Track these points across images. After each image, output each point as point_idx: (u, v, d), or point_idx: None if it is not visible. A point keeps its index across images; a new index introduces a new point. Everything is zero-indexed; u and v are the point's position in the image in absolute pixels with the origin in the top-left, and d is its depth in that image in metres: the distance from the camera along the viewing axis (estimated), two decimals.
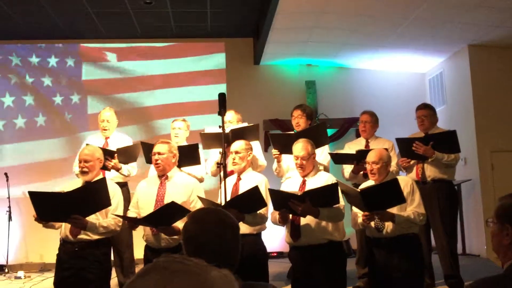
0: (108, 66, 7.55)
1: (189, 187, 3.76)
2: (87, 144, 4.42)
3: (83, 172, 3.72)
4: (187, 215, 1.82)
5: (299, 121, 4.73)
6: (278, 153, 4.48)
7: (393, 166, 4.60)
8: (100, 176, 3.83)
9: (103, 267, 3.69)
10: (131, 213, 3.85)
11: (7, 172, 6.80)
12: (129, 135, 5.32)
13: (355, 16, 5.89)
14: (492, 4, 5.38)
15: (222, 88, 7.34)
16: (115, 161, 4.53)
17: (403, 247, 3.60)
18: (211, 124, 5.49)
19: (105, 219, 3.65)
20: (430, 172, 4.54)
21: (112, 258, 4.72)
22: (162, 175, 3.81)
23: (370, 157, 3.75)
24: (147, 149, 4.45)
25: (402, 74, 7.85)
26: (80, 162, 3.75)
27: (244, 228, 3.60)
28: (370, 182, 3.82)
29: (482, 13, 5.63)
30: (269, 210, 3.82)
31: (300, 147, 3.78)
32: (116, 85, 7.50)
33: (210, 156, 4.86)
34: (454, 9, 5.57)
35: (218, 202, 3.79)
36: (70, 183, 3.91)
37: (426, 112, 4.75)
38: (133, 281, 0.79)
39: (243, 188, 3.81)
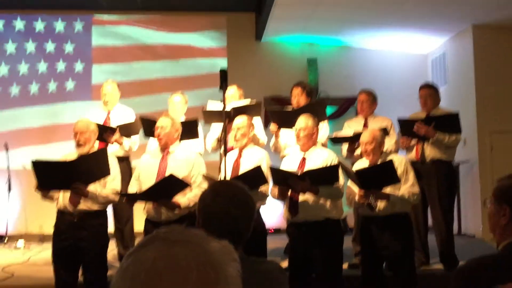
0: (107, 39, 7.47)
1: (190, 162, 3.79)
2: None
3: (79, 145, 3.74)
4: (209, 185, 1.81)
5: (299, 99, 4.70)
6: (276, 128, 4.48)
7: (391, 145, 4.60)
8: (95, 149, 3.86)
9: (102, 238, 3.75)
10: (132, 186, 3.89)
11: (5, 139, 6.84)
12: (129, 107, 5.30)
13: None
14: None
15: (223, 63, 7.29)
16: (116, 136, 4.54)
17: (395, 226, 3.65)
18: (211, 98, 5.47)
19: (103, 189, 3.68)
20: (430, 152, 4.55)
21: (112, 230, 4.79)
22: (164, 149, 3.83)
23: (364, 137, 3.76)
24: (147, 123, 4.47)
25: (405, 55, 7.79)
26: (75, 135, 3.75)
27: None
28: (364, 161, 3.84)
29: None
30: (270, 186, 3.85)
31: (301, 119, 3.81)
32: (116, 54, 7.44)
33: (210, 132, 4.86)
34: None
35: (219, 177, 3.81)
36: (65, 155, 3.92)
37: (429, 91, 4.73)
38: (133, 251, 0.80)
39: (244, 164, 3.84)
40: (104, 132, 4.48)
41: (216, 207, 1.68)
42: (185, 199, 3.63)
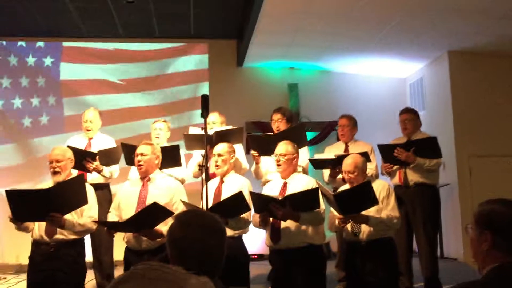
0: (89, 67, 7.44)
1: (171, 189, 3.74)
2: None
3: (55, 173, 3.68)
4: (173, 217, 1.75)
5: (279, 125, 4.70)
6: (257, 154, 4.47)
7: (372, 170, 4.63)
8: (72, 177, 3.79)
9: (79, 267, 3.67)
10: (112, 216, 3.81)
11: None
12: (108, 135, 5.25)
13: (338, 21, 5.93)
14: (472, 11, 5.47)
15: (205, 88, 7.32)
16: (96, 163, 4.48)
17: (379, 251, 3.65)
18: (193, 120, 5.45)
19: (80, 218, 3.60)
20: (413, 176, 4.59)
21: (90, 259, 4.68)
22: (144, 177, 3.77)
23: (346, 166, 3.76)
24: (128, 150, 4.42)
25: (384, 79, 7.93)
26: (51, 162, 3.69)
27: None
28: (347, 187, 3.84)
29: (462, 20, 5.72)
30: (252, 213, 3.82)
31: (280, 145, 3.82)
32: (95, 87, 7.41)
33: (192, 158, 4.84)
34: (435, 16, 5.65)
35: (200, 204, 3.77)
36: (40, 185, 3.85)
37: (409, 116, 4.80)
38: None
39: (226, 191, 3.81)
40: (84, 158, 4.42)
41: (188, 238, 1.60)
42: (167, 227, 3.56)
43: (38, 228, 3.58)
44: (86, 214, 3.64)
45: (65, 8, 6.43)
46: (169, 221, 3.59)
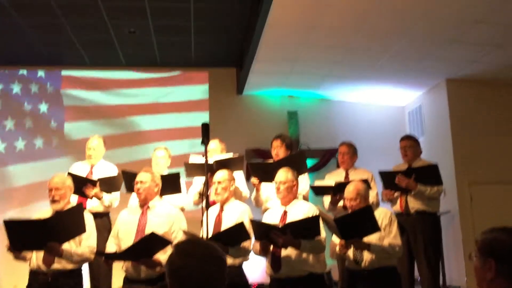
0: (90, 94, 7.51)
1: (171, 217, 3.71)
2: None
3: (54, 201, 3.66)
4: (172, 246, 1.74)
5: (278, 151, 4.71)
6: (257, 181, 4.46)
7: (372, 197, 4.61)
8: (71, 205, 3.79)
9: None
10: (111, 244, 3.78)
11: None
12: (110, 159, 5.25)
13: (337, 49, 6.01)
14: (469, 40, 5.55)
15: (205, 116, 7.38)
16: (96, 190, 4.47)
17: (382, 280, 3.60)
18: (193, 148, 5.46)
19: (78, 247, 3.57)
20: (414, 204, 4.57)
21: None
22: (144, 205, 3.76)
23: (348, 193, 3.75)
24: (128, 177, 4.41)
25: (383, 107, 7.98)
26: (50, 190, 3.68)
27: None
28: None
29: (459, 48, 5.80)
30: (252, 242, 3.79)
31: (280, 173, 3.81)
32: (96, 113, 7.47)
33: (193, 185, 4.83)
34: (433, 44, 5.73)
35: (201, 232, 3.75)
36: (39, 212, 3.83)
37: (409, 143, 4.82)
38: None
39: (226, 219, 3.79)
40: (84, 184, 4.41)
41: (188, 268, 1.61)
42: (166, 256, 3.52)
43: (36, 257, 3.55)
44: (85, 243, 3.61)
45: (68, 38, 6.53)
46: (168, 249, 3.56)
